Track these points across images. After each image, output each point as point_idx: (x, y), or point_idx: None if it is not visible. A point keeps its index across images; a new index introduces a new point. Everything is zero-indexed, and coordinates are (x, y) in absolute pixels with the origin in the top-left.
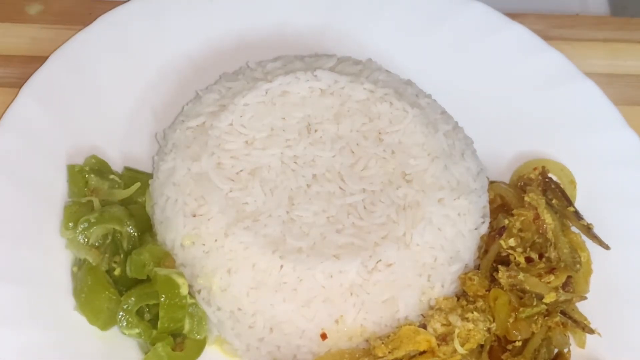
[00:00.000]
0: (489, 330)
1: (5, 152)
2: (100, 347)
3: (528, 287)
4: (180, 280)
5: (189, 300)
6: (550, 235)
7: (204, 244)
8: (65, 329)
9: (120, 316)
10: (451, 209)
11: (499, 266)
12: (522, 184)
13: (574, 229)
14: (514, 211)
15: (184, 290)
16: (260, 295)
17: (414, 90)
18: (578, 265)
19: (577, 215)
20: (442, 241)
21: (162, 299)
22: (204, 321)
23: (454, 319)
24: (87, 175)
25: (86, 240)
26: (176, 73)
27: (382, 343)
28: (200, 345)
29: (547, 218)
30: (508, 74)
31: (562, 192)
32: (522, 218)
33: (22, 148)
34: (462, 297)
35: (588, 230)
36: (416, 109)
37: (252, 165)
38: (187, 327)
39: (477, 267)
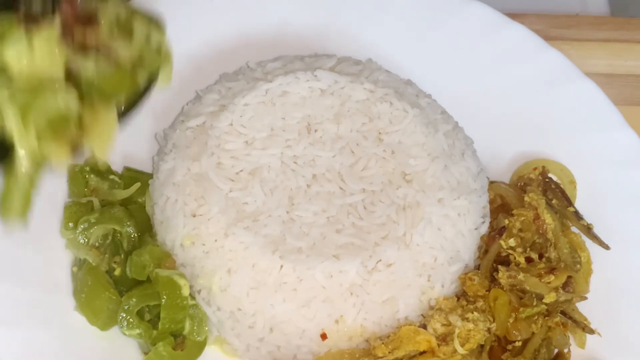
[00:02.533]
0: (489, 330)
1: None
2: (100, 347)
3: (528, 287)
4: (181, 282)
5: (190, 302)
6: (550, 235)
7: (204, 244)
8: (65, 329)
9: (121, 317)
10: (451, 209)
11: (499, 266)
12: (522, 184)
13: (574, 229)
14: (514, 211)
15: (185, 292)
16: (260, 295)
17: (414, 90)
18: (578, 266)
19: (577, 215)
20: (442, 241)
21: (163, 300)
22: (204, 323)
23: (454, 319)
24: (87, 176)
25: (86, 240)
26: (176, 73)
27: (382, 343)
28: (201, 345)
29: (547, 218)
30: (508, 74)
31: (562, 192)
32: (522, 218)
33: None
34: (462, 297)
35: (588, 230)
36: (416, 109)
37: (252, 165)
38: (187, 328)
39: (477, 267)
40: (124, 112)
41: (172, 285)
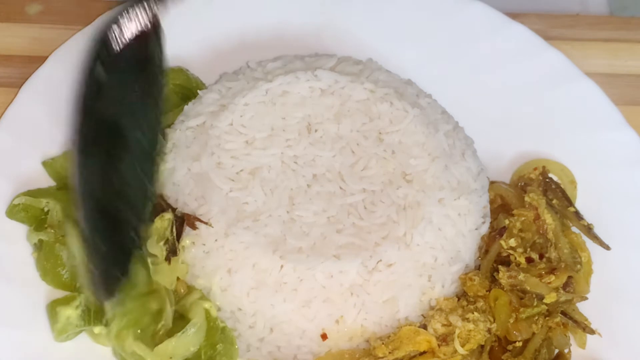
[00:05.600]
0: (489, 330)
1: (5, 151)
2: (100, 347)
3: (528, 288)
4: (207, 304)
5: (220, 324)
6: (550, 235)
7: (204, 244)
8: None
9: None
10: (451, 209)
11: (500, 266)
12: (523, 184)
13: (574, 229)
14: (515, 211)
15: (214, 312)
16: (260, 295)
17: (414, 90)
18: (578, 266)
19: (578, 216)
20: (442, 241)
21: (195, 328)
22: (234, 343)
23: (454, 319)
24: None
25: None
26: None
27: (383, 343)
28: None
29: (548, 218)
30: (508, 74)
31: (563, 192)
32: (523, 218)
33: (21, 148)
34: (463, 297)
35: (588, 230)
36: (416, 108)
37: (252, 165)
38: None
39: (478, 268)
40: None
41: (201, 310)
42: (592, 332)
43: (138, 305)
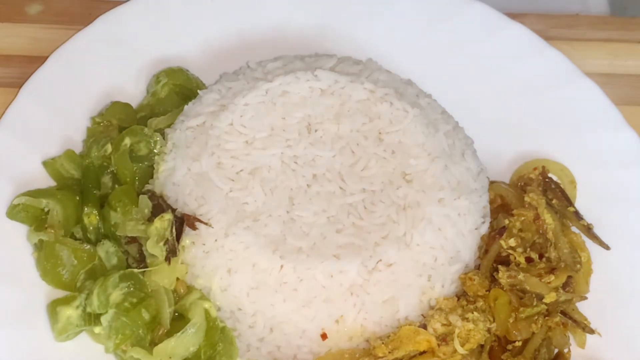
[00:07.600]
0: (489, 330)
1: (5, 151)
2: (100, 347)
3: (528, 287)
4: (206, 304)
5: (220, 324)
6: (550, 235)
7: (204, 244)
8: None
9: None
10: (451, 209)
11: (499, 266)
12: (522, 184)
13: (574, 229)
14: (514, 211)
15: (214, 312)
16: (260, 295)
17: (414, 90)
18: (578, 265)
19: (577, 215)
20: (442, 241)
21: (195, 328)
22: (234, 343)
23: (454, 319)
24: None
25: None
26: None
27: (382, 343)
28: None
29: (547, 218)
30: (508, 74)
31: (562, 192)
32: (523, 218)
33: (21, 148)
34: (463, 297)
35: (588, 230)
36: (416, 109)
37: (252, 165)
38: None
39: (478, 267)
40: None
41: (201, 310)
42: (592, 331)
43: (130, 319)
